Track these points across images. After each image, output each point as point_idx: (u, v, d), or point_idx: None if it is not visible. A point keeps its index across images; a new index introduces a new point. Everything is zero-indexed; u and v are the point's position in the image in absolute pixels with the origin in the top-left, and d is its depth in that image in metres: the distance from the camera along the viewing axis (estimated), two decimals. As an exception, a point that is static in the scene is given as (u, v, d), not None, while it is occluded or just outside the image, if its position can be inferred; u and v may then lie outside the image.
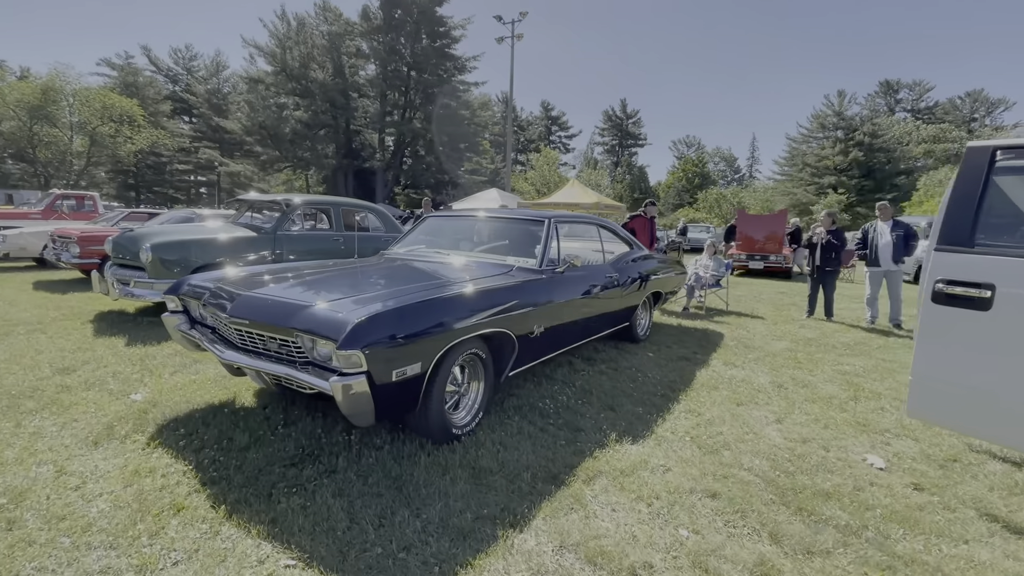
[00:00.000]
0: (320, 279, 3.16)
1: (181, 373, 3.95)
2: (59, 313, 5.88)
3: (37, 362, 4.06)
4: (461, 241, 4.27)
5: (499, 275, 3.33)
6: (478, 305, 2.82)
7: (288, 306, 2.49)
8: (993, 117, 62.35)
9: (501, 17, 26.75)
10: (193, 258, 5.51)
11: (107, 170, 40.73)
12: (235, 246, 5.89)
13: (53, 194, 12.45)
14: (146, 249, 5.24)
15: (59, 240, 8.11)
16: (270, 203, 6.88)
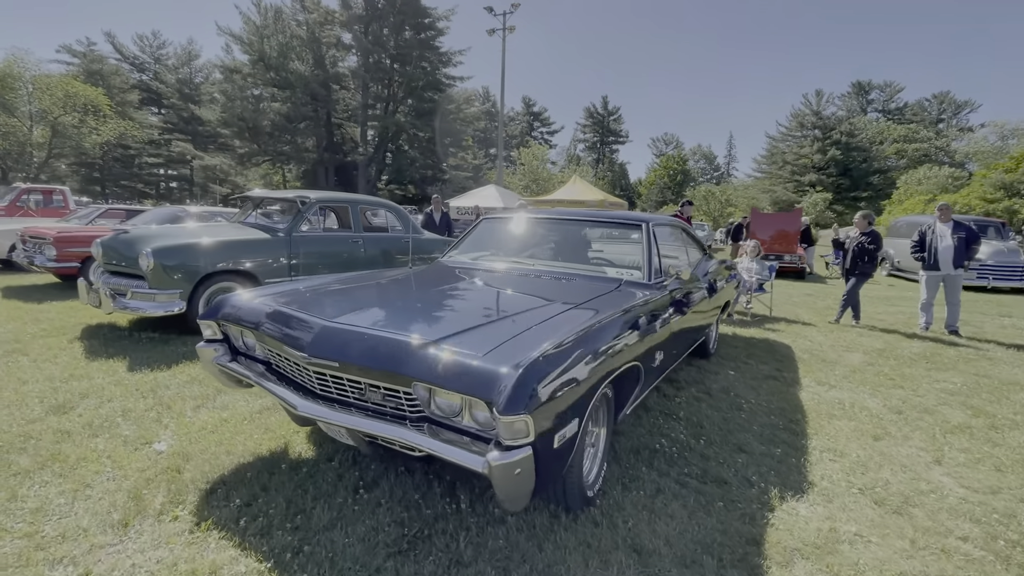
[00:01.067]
0: (414, 302, 2.52)
1: (206, 408, 3.26)
2: (39, 328, 5.06)
3: (23, 396, 3.30)
4: (537, 248, 3.66)
5: (613, 292, 2.75)
6: (619, 334, 2.24)
7: (399, 345, 1.86)
8: (959, 118, 64.33)
9: (492, 9, 26.00)
10: (201, 264, 4.76)
11: (70, 163, 38.50)
12: (247, 250, 5.15)
13: (17, 188, 11.31)
14: (147, 254, 4.48)
15: (31, 241, 7.18)
16: (282, 201, 6.13)
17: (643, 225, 3.34)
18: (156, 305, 4.54)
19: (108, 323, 5.34)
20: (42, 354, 4.23)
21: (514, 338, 1.88)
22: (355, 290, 2.79)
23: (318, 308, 2.32)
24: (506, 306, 2.47)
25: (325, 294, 2.66)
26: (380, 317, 2.18)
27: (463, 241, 3.95)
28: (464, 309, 2.38)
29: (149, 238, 4.78)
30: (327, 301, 2.51)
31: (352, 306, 2.35)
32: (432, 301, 2.52)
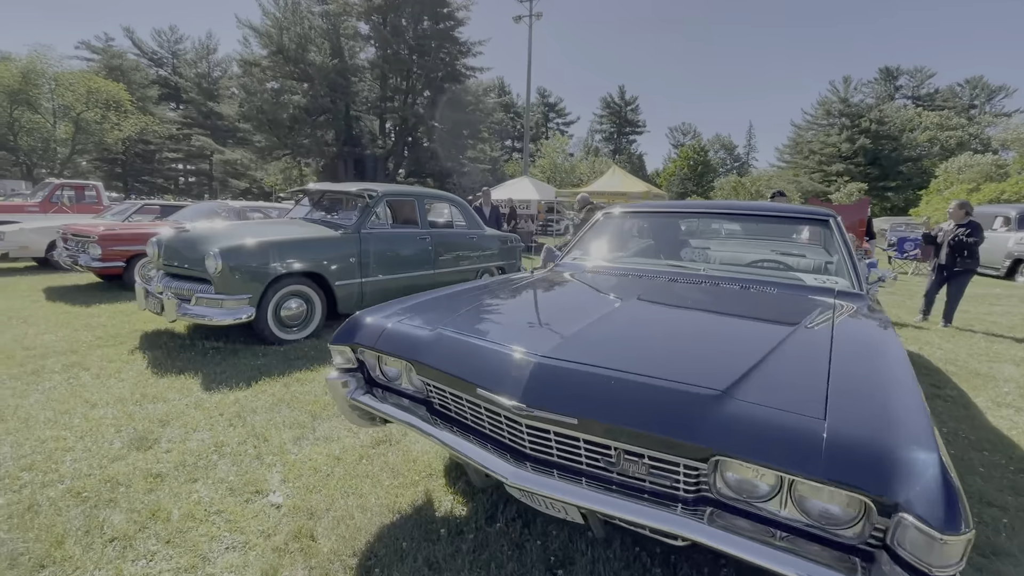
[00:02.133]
0: (620, 325, 1.91)
1: (307, 441, 2.75)
2: (93, 336, 4.61)
3: (97, 425, 2.83)
4: (688, 248, 3.09)
5: (842, 307, 2.17)
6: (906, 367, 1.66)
7: (687, 400, 1.30)
8: (993, 104, 62.08)
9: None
10: (272, 266, 4.27)
11: (92, 158, 38.69)
12: (319, 249, 4.65)
13: (51, 184, 10.97)
14: (214, 256, 3.99)
15: (73, 239, 6.77)
16: (346, 195, 5.61)
17: (830, 220, 2.74)
18: (224, 312, 4.05)
19: (165, 330, 4.88)
20: (103, 368, 3.77)
21: (841, 390, 1.31)
22: (522, 308, 2.24)
23: (505, 334, 1.77)
24: (743, 332, 1.89)
25: (489, 313, 2.11)
26: (610, 352, 1.60)
27: (583, 240, 3.39)
28: (696, 336, 1.81)
29: (215, 238, 4.29)
30: (503, 323, 1.97)
31: (553, 334, 1.78)
32: (640, 323, 1.95)
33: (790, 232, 3.09)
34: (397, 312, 2.08)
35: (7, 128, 31.45)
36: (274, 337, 4.39)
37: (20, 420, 2.86)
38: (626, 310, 2.00)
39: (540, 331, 1.81)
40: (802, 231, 3.00)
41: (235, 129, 41.90)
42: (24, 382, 3.44)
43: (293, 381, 3.62)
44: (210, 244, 4.16)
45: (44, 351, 4.11)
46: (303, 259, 4.49)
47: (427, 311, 2.10)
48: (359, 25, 40.78)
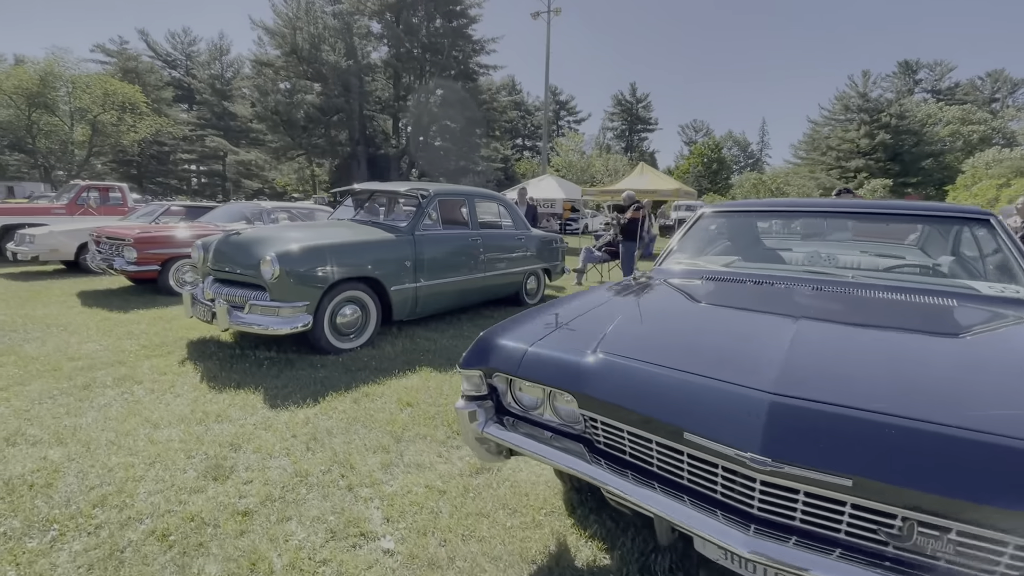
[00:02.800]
0: (847, 352, 1.56)
1: (399, 468, 2.47)
2: (137, 345, 4.37)
3: (164, 450, 2.56)
4: (822, 252, 2.76)
5: None
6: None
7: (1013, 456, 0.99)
8: (1015, 98, 60.80)
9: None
10: (330, 271, 3.99)
11: (108, 160, 38.93)
12: (375, 252, 4.37)
13: (77, 186, 10.82)
14: (271, 260, 3.72)
15: (107, 242, 6.56)
16: (396, 195, 5.34)
17: (991, 219, 2.40)
18: (280, 321, 3.79)
19: (211, 338, 4.63)
20: (156, 382, 3.52)
21: None
22: (679, 326, 1.93)
23: (692, 360, 1.47)
24: (977, 357, 1.57)
25: (646, 332, 1.82)
26: (855, 388, 1.27)
27: (684, 243, 3.07)
28: (927, 363, 1.48)
29: (270, 241, 4.02)
30: (676, 346, 1.66)
31: (755, 362, 1.45)
32: (847, 348, 1.63)
33: (936, 233, 2.76)
34: (533, 330, 1.79)
35: (25, 131, 31.68)
36: (330, 346, 4.12)
37: (81, 444, 2.61)
38: (814, 331, 1.68)
39: (735, 358, 1.49)
40: (948, 231, 2.66)
41: (248, 130, 41.99)
42: (76, 398, 3.19)
43: (361, 396, 3.34)
44: (265, 248, 3.90)
45: (91, 362, 3.88)
46: (361, 263, 4.22)
47: (567, 329, 1.80)
48: (371, 24, 40.67)
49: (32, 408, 3.02)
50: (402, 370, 3.85)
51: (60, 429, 2.76)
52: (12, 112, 30.78)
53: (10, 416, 2.90)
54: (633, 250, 7.71)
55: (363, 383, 3.57)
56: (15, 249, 8.03)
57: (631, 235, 7.60)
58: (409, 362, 4.06)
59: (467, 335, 4.93)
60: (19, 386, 3.36)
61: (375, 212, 5.62)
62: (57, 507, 2.07)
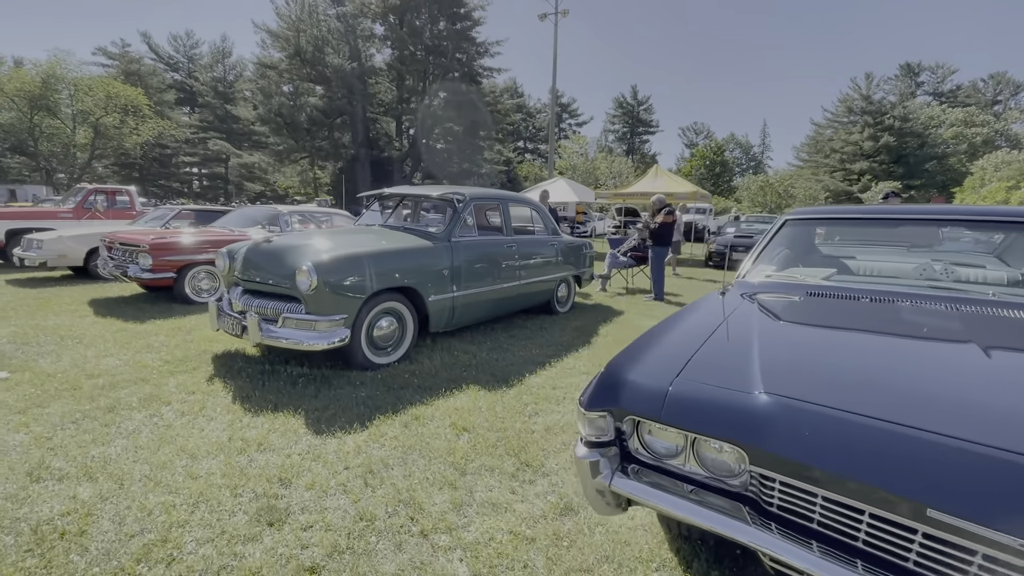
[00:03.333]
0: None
1: (470, 507, 2.20)
2: (158, 359, 4.10)
3: (206, 486, 2.29)
4: (935, 264, 2.49)
5: None
6: None
7: None
8: (1018, 100, 60.73)
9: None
10: (369, 281, 3.72)
11: (110, 163, 38.68)
12: (414, 260, 4.10)
13: (84, 189, 10.55)
14: (308, 270, 3.45)
15: (120, 248, 6.28)
16: (428, 199, 5.07)
17: None
18: (316, 336, 3.51)
19: (236, 351, 4.35)
20: (185, 403, 3.24)
21: None
22: (837, 358, 1.65)
23: (894, 409, 1.19)
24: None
25: (803, 366, 1.55)
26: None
27: (770, 253, 2.80)
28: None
29: (304, 249, 3.75)
30: (852, 385, 1.39)
31: (965, 409, 1.18)
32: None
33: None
34: (666, 362, 1.52)
35: (27, 133, 31.46)
36: (367, 361, 3.85)
37: (113, 479, 2.33)
38: (1002, 363, 1.41)
39: (943, 404, 1.22)
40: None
41: (251, 132, 41.78)
42: (101, 423, 2.92)
43: (411, 419, 3.06)
44: (301, 257, 3.62)
45: (112, 380, 3.60)
46: (400, 272, 3.95)
47: (705, 360, 1.53)
48: (375, 27, 40.50)
49: (54, 435, 2.75)
50: (447, 388, 3.58)
51: (88, 461, 2.48)
52: (14, 115, 30.57)
53: (31, 445, 2.63)
54: (664, 256, 7.44)
55: (409, 404, 3.29)
56: (22, 255, 7.75)
57: (663, 240, 7.33)
58: (453, 379, 3.78)
59: (506, 347, 4.66)
60: (38, 408, 3.08)
61: (403, 217, 5.36)
62: (96, 563, 1.79)
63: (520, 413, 3.21)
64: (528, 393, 3.55)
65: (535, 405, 3.34)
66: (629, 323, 5.88)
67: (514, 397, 3.46)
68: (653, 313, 6.54)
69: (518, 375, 3.91)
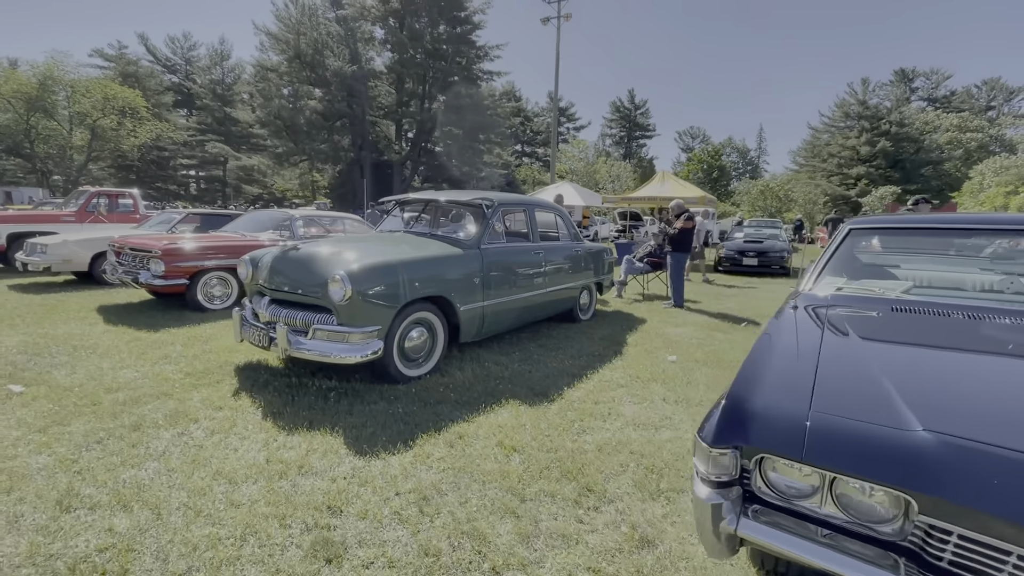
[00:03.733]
0: None
1: (538, 539, 2.04)
2: (178, 371, 3.92)
3: (251, 516, 2.12)
4: (1011, 272, 2.36)
5: None
6: None
7: None
8: (1012, 105, 61.25)
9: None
10: (405, 290, 3.57)
11: (107, 165, 38.36)
12: (445, 268, 3.95)
13: (87, 192, 10.34)
14: (342, 279, 3.29)
15: (130, 254, 6.10)
16: (456, 204, 4.92)
17: None
18: (349, 348, 3.35)
19: (258, 362, 4.18)
20: (213, 420, 3.07)
21: None
22: (967, 382, 1.51)
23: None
24: None
25: (949, 392, 1.41)
26: None
27: (834, 264, 2.67)
28: None
29: (334, 257, 3.59)
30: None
31: None
32: None
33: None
34: (795, 394, 1.37)
35: (23, 135, 31.14)
36: (399, 374, 3.69)
37: (149, 508, 2.16)
38: None
39: None
40: None
41: (249, 135, 41.53)
42: (128, 443, 2.74)
43: (455, 438, 2.91)
44: (332, 265, 3.46)
45: (132, 394, 3.42)
46: (433, 280, 3.79)
47: (834, 388, 1.39)
48: (375, 30, 40.42)
49: (80, 457, 2.57)
50: (486, 403, 3.42)
51: (120, 487, 2.31)
52: (10, 116, 30.25)
53: (56, 469, 2.45)
54: (684, 262, 7.32)
55: (450, 420, 3.14)
56: (25, 259, 7.55)
57: (682, 246, 7.21)
58: (489, 392, 3.62)
59: (536, 358, 4.51)
60: (59, 427, 2.90)
61: (426, 223, 5.20)
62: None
63: (567, 431, 3.06)
64: (571, 409, 3.39)
65: (581, 422, 3.19)
66: (655, 332, 5.74)
67: (557, 413, 3.31)
68: (675, 320, 6.40)
69: (556, 389, 3.76)
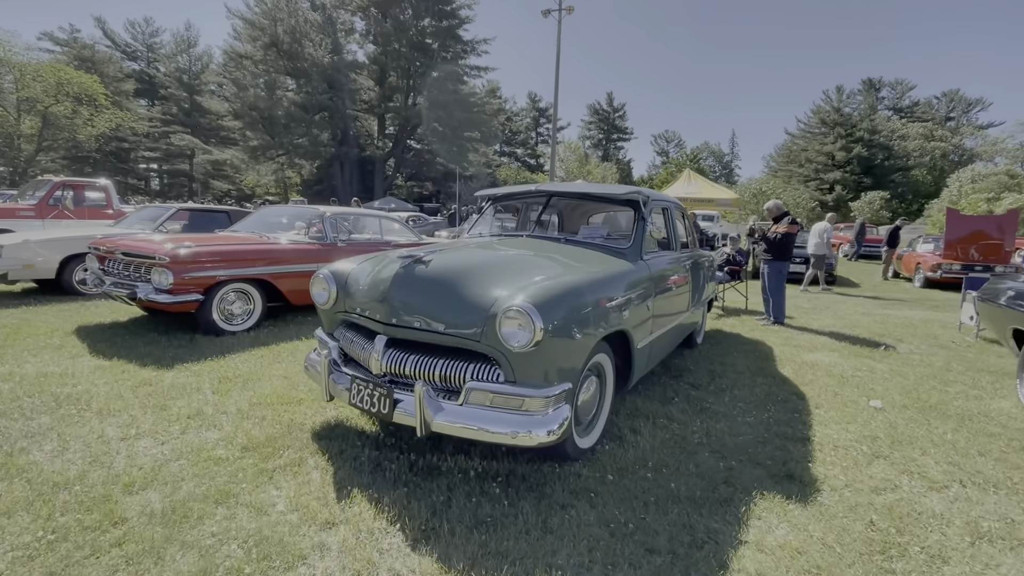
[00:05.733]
0: None
1: None
2: (225, 439, 2.61)
3: None
4: None
5: None
6: None
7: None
8: (970, 117, 63.88)
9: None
10: (596, 327, 2.37)
11: (60, 156, 35.22)
12: (622, 290, 2.76)
13: (49, 182, 8.62)
14: (527, 312, 2.05)
15: (122, 260, 4.65)
16: (593, 198, 3.73)
17: None
18: (530, 420, 2.12)
19: (336, 416, 2.90)
20: (325, 548, 1.81)
21: None
22: None
23: None
24: None
25: None
26: None
27: None
28: None
29: (497, 274, 2.36)
30: None
31: None
32: None
33: None
34: None
35: (-37, 121, 28.17)
36: (575, 449, 2.48)
37: None
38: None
39: None
40: None
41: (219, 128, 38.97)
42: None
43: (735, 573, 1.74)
44: (497, 287, 2.24)
45: (172, 495, 2.11)
46: (617, 308, 2.61)
47: None
48: (355, 20, 38.55)
49: None
50: (724, 496, 2.27)
51: None
52: (-52, 99, 27.29)
53: None
54: (785, 272, 6.30)
55: (705, 536, 1.96)
56: (-27, 265, 5.95)
57: (784, 253, 6.20)
58: (710, 475, 2.47)
59: (708, 407, 3.38)
60: None
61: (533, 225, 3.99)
62: None
63: (885, 554, 1.94)
64: (860, 507, 2.27)
65: (886, 533, 2.07)
66: (792, 359, 4.69)
67: (847, 517, 2.18)
68: (795, 341, 5.38)
69: (797, 466, 2.61)
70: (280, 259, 5.09)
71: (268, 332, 4.91)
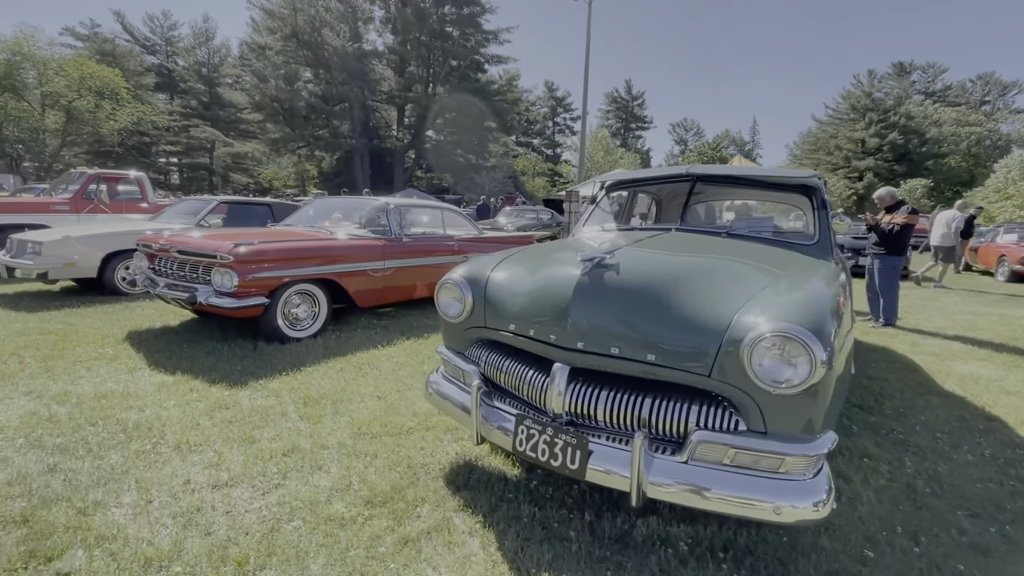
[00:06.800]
0: None
1: None
2: (340, 485, 2.07)
3: None
4: None
5: None
6: None
7: None
8: (1006, 100, 61.23)
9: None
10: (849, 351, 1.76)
11: (84, 151, 35.32)
12: (840, 298, 2.14)
13: (85, 175, 8.21)
14: (801, 338, 1.45)
15: (177, 259, 4.14)
16: (749, 182, 3.11)
17: None
18: (789, 487, 1.54)
19: (466, 454, 2.34)
20: None
21: None
22: None
23: None
24: None
25: None
26: None
27: None
28: None
29: (712, 287, 1.76)
30: None
31: None
32: None
33: None
34: None
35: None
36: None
37: None
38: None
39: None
40: None
41: (239, 120, 38.76)
42: None
43: None
44: (727, 304, 1.64)
45: (297, 566, 1.57)
46: (846, 327, 2.00)
47: None
48: (375, 8, 37.92)
49: None
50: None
51: None
52: (-26, 95, 27.36)
53: None
54: (900, 267, 5.60)
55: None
56: (10, 262, 5.52)
57: (899, 247, 5.49)
58: (994, 556, 1.86)
59: (912, 442, 2.76)
60: None
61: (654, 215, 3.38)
62: None
63: None
64: None
65: None
66: (942, 372, 4.04)
67: None
68: (929, 348, 4.71)
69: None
70: (347, 256, 4.55)
71: (336, 339, 4.39)
